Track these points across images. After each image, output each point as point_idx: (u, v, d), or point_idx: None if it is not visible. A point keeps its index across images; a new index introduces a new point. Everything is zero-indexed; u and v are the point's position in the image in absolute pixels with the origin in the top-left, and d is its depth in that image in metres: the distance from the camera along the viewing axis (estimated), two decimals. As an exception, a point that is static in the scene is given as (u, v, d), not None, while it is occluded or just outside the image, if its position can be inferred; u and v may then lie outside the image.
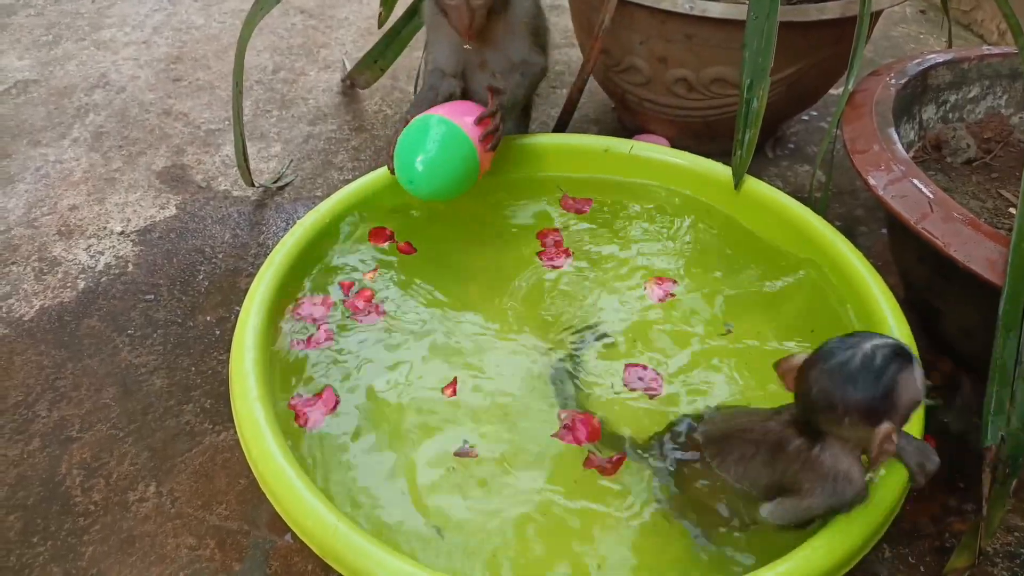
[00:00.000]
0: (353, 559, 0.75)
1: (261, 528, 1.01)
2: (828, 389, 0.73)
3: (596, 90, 1.79)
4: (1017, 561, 0.99)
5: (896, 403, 0.72)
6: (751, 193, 1.24)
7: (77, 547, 0.99)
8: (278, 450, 0.84)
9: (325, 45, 2.10)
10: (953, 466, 1.09)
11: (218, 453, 1.09)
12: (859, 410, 0.72)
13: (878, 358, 0.72)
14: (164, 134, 1.74)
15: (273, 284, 1.04)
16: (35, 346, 1.24)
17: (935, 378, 1.20)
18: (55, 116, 1.78)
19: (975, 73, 1.38)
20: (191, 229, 1.48)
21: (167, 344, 1.25)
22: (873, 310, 1.02)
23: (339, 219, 1.18)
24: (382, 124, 1.78)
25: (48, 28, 2.13)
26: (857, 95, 1.25)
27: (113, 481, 1.06)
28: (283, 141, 1.72)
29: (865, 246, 1.33)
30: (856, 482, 0.76)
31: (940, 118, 1.39)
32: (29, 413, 1.14)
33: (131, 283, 1.36)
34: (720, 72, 1.45)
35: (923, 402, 0.76)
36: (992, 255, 0.97)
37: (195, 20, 2.20)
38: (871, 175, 1.11)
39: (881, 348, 0.72)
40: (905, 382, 0.72)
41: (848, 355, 0.72)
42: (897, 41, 2.21)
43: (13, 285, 1.35)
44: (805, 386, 0.75)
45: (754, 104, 1.18)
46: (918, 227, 1.02)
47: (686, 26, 1.40)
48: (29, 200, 1.54)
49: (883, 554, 0.99)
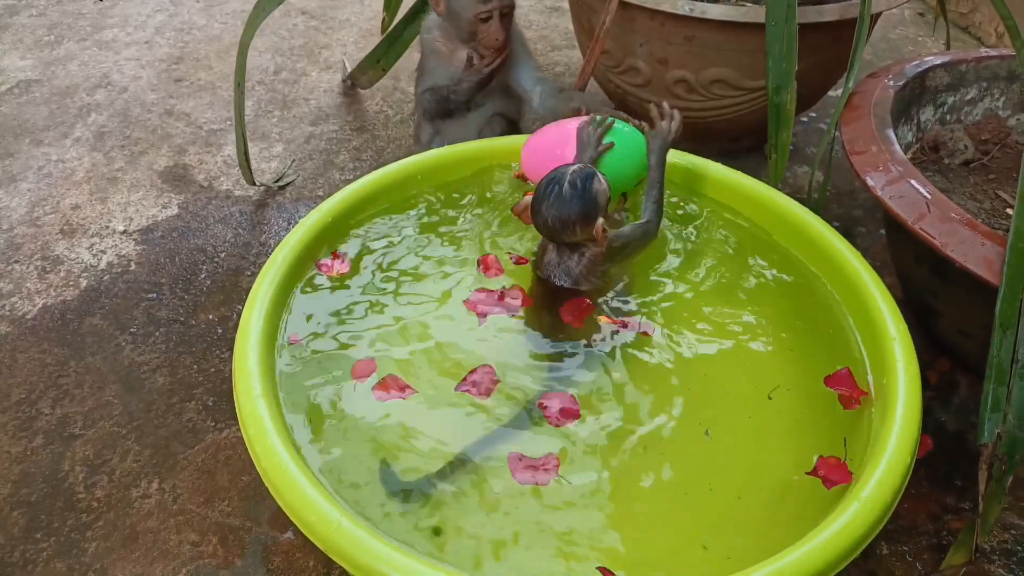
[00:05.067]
0: (357, 554, 0.76)
1: (263, 524, 1.01)
2: (557, 215, 1.02)
3: (596, 91, 1.80)
4: (1014, 558, 1.00)
5: (599, 204, 1.03)
6: (750, 192, 1.24)
7: (80, 543, 1.00)
8: (281, 446, 0.84)
9: (326, 46, 2.11)
10: (951, 465, 1.10)
11: (220, 450, 1.10)
12: (580, 220, 1.02)
13: (579, 182, 1.02)
14: (166, 134, 1.74)
15: (276, 282, 1.05)
16: (38, 344, 1.25)
17: (932, 377, 1.21)
18: (57, 116, 1.79)
19: (973, 75, 1.39)
20: (193, 228, 1.48)
21: (169, 342, 1.26)
22: (871, 310, 1.03)
23: (343, 218, 1.19)
24: (383, 125, 1.79)
25: (50, 28, 2.14)
26: (856, 97, 1.26)
27: (116, 478, 1.07)
28: (285, 141, 1.73)
29: (863, 247, 1.34)
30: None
31: (938, 120, 1.40)
32: (32, 410, 1.15)
33: (133, 282, 1.37)
34: (720, 73, 1.46)
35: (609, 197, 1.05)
36: (989, 255, 0.98)
37: (197, 21, 2.21)
38: (869, 176, 1.11)
39: (575, 171, 1.03)
40: (598, 188, 1.03)
41: (557, 187, 1.02)
42: (895, 43, 2.22)
43: (16, 284, 1.36)
44: (540, 219, 1.03)
45: (784, 107, 1.21)
46: (916, 227, 1.03)
47: (686, 28, 1.41)
48: (32, 199, 1.54)
49: (880, 551, 1.00)
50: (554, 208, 1.02)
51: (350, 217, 1.21)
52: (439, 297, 1.13)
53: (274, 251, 1.09)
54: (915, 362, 0.94)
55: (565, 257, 1.08)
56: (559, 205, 1.02)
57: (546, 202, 1.03)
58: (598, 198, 1.04)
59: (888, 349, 0.96)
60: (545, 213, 1.03)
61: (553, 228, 1.04)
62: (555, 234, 1.05)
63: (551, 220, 1.03)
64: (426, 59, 1.35)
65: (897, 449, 0.85)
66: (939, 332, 1.22)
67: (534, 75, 1.35)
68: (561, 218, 1.02)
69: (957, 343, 1.20)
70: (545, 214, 1.03)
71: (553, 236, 1.06)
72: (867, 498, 0.80)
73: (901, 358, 0.94)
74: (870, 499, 0.80)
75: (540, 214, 1.03)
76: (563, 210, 1.02)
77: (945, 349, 1.23)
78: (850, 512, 0.79)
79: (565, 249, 1.07)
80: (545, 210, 1.03)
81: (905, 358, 0.94)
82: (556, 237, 1.06)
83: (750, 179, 1.26)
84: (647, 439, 0.96)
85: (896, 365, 0.94)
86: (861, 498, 0.80)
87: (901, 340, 0.97)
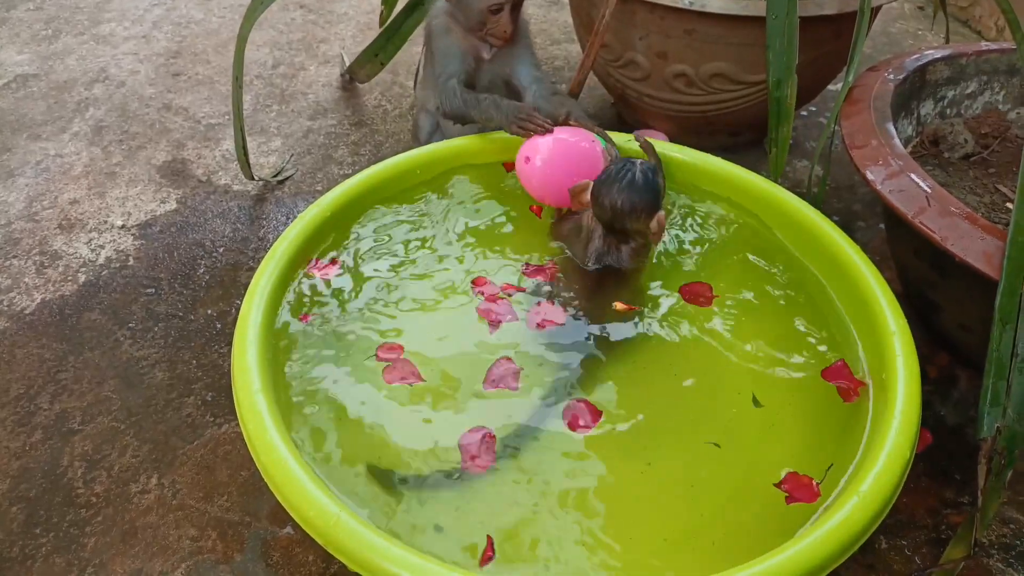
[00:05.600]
0: (356, 549, 0.76)
1: (262, 520, 1.01)
2: (628, 199, 1.06)
3: (595, 85, 1.80)
4: (1013, 552, 1.00)
5: (661, 197, 1.10)
6: (748, 185, 1.24)
7: (79, 538, 1.00)
8: (280, 441, 0.84)
9: (324, 40, 2.10)
10: (950, 459, 1.10)
11: (219, 446, 1.10)
12: (647, 209, 1.07)
13: (648, 173, 1.08)
14: (164, 128, 1.74)
15: (274, 277, 1.05)
16: (36, 339, 1.25)
17: (931, 371, 1.21)
18: (55, 110, 1.78)
19: (973, 69, 1.39)
20: (191, 223, 1.48)
21: (168, 337, 1.25)
22: (870, 305, 1.03)
23: (344, 212, 1.19)
24: (381, 119, 1.78)
25: (47, 22, 2.13)
26: (855, 90, 1.26)
27: (115, 473, 1.07)
28: (283, 136, 1.73)
29: (863, 241, 1.34)
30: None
31: (938, 113, 1.40)
32: (31, 406, 1.15)
33: (132, 277, 1.36)
34: (719, 67, 1.45)
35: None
36: (989, 249, 0.97)
37: (194, 15, 2.20)
38: (869, 170, 1.11)
39: (645, 164, 1.09)
40: (662, 183, 1.11)
41: (630, 174, 1.07)
42: (895, 37, 2.21)
43: (14, 279, 1.36)
44: (610, 201, 1.07)
45: (785, 101, 1.21)
46: (916, 221, 1.03)
47: (686, 21, 1.40)
48: (30, 194, 1.54)
49: (879, 545, 1.00)
50: (626, 192, 1.06)
51: (349, 212, 1.21)
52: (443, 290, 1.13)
53: (273, 245, 1.09)
54: (915, 356, 0.94)
55: (612, 246, 1.11)
56: (631, 190, 1.06)
57: (618, 185, 1.06)
58: (662, 192, 1.10)
59: (887, 343, 0.97)
60: (616, 196, 1.07)
61: (621, 211, 1.07)
62: (620, 218, 1.08)
63: (621, 203, 1.07)
64: (438, 41, 1.32)
65: (896, 443, 0.85)
66: (938, 326, 1.22)
67: (532, 72, 1.34)
68: (633, 202, 1.06)
69: (957, 337, 1.20)
70: (616, 197, 1.07)
71: (616, 221, 1.09)
72: (866, 492, 0.80)
73: (900, 352, 0.94)
74: (869, 493, 0.80)
75: (611, 196, 1.07)
76: (635, 196, 1.06)
77: (944, 343, 1.23)
78: (849, 506, 0.79)
79: (612, 238, 1.11)
80: (617, 193, 1.06)
81: (904, 352, 0.95)
82: (619, 222, 1.09)
83: (750, 173, 1.26)
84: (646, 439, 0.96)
85: (896, 359, 0.94)
86: (860, 492, 0.80)
87: (900, 334, 0.97)
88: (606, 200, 1.08)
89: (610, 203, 1.07)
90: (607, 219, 1.09)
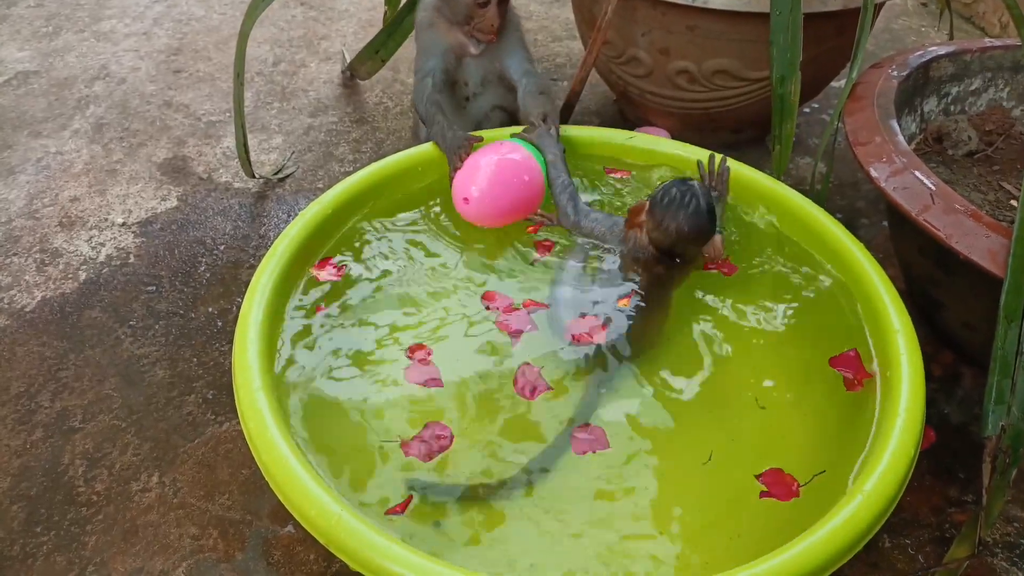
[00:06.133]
0: (357, 548, 0.76)
1: (263, 518, 1.01)
2: (695, 224, 1.06)
3: (597, 82, 1.79)
4: (1017, 551, 1.00)
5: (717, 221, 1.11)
6: (752, 183, 1.24)
7: (80, 536, 0.99)
8: (282, 440, 0.84)
9: (325, 37, 2.10)
10: (954, 457, 1.09)
11: (220, 444, 1.10)
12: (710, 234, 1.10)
13: (710, 199, 1.08)
14: (165, 126, 1.73)
15: (276, 275, 1.04)
16: (37, 337, 1.24)
17: (936, 369, 1.21)
18: (56, 107, 1.78)
19: (977, 65, 1.38)
20: (192, 221, 1.48)
21: (169, 335, 1.25)
22: (874, 303, 1.02)
23: (344, 209, 1.18)
24: (383, 116, 1.78)
25: (48, 19, 2.12)
26: (859, 87, 1.25)
27: (116, 471, 1.06)
28: (284, 133, 1.72)
29: (866, 238, 1.33)
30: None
31: (942, 110, 1.39)
32: (32, 404, 1.15)
33: (132, 274, 1.36)
34: (722, 64, 1.45)
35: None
36: (993, 247, 0.97)
37: (195, 12, 2.19)
38: (873, 167, 1.11)
39: (703, 188, 1.08)
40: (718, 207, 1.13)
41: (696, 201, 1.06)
42: (898, 34, 2.20)
43: (15, 276, 1.35)
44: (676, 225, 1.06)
45: (788, 98, 1.20)
46: (920, 219, 1.02)
47: (688, 18, 1.40)
48: (30, 191, 1.54)
49: (883, 544, 1.00)
50: (692, 218, 1.05)
51: (351, 210, 1.20)
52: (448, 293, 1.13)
53: (274, 243, 1.09)
54: (919, 354, 0.94)
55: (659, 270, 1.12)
56: (697, 217, 1.06)
57: (684, 211, 1.05)
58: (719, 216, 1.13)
59: (892, 341, 0.96)
60: (683, 222, 1.06)
61: (687, 237, 1.07)
62: (683, 242, 1.08)
63: (688, 228, 1.06)
64: (420, 35, 1.32)
65: (901, 442, 0.85)
66: (943, 324, 1.22)
67: (524, 66, 1.32)
68: (699, 228, 1.07)
69: (961, 335, 1.20)
70: (683, 223, 1.06)
71: (677, 244, 1.08)
72: (871, 491, 0.80)
73: (905, 350, 0.94)
74: (874, 492, 0.80)
75: (677, 221, 1.06)
76: (701, 222, 1.06)
77: (949, 341, 1.23)
78: (854, 505, 0.79)
79: (660, 266, 1.11)
80: (684, 219, 1.06)
81: (909, 350, 0.94)
82: (680, 245, 1.09)
83: (753, 170, 1.25)
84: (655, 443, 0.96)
85: (900, 357, 0.94)
86: (865, 491, 0.80)
87: (904, 332, 0.96)
88: (671, 225, 1.06)
89: (676, 227, 1.06)
90: (668, 244, 1.08)
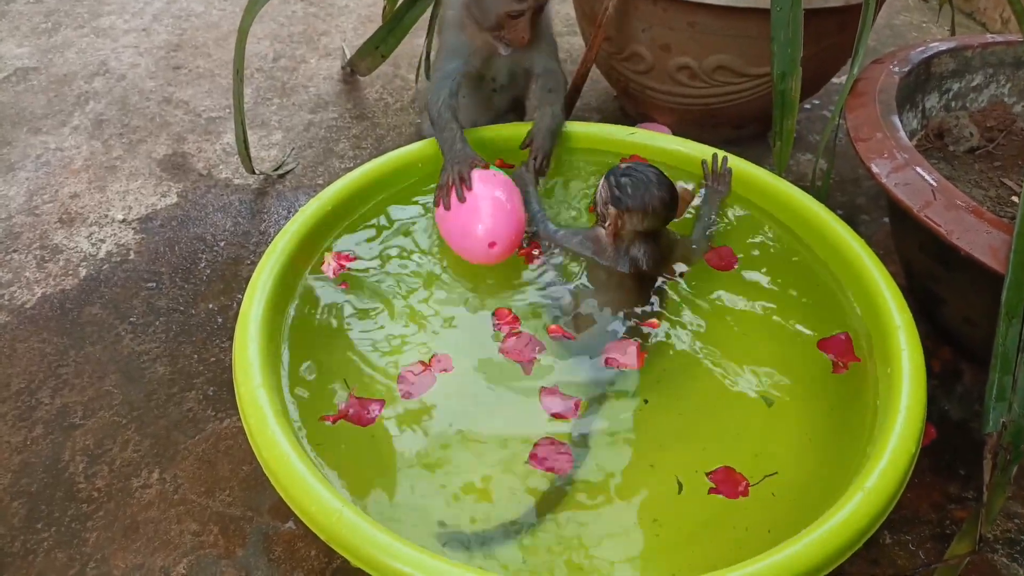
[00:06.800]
0: (358, 544, 0.76)
1: (264, 515, 1.01)
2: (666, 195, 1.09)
3: (598, 78, 1.79)
4: (1017, 547, 1.00)
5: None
6: (754, 180, 1.24)
7: (81, 533, 0.99)
8: (283, 436, 0.84)
9: (326, 32, 2.09)
10: (954, 454, 1.09)
11: (221, 440, 1.10)
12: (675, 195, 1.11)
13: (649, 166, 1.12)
14: (165, 122, 1.73)
15: (276, 271, 1.04)
16: (37, 333, 1.24)
17: (936, 365, 1.20)
18: (55, 104, 1.77)
19: (978, 61, 1.38)
20: (192, 217, 1.47)
21: (169, 332, 1.25)
22: (875, 299, 1.02)
23: (344, 206, 1.18)
24: (383, 112, 1.78)
25: (47, 15, 2.12)
26: (860, 83, 1.25)
27: (116, 468, 1.06)
28: (284, 129, 1.72)
29: (867, 234, 1.33)
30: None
31: (943, 106, 1.39)
32: (32, 400, 1.15)
33: (133, 271, 1.36)
34: (722, 60, 1.44)
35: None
36: (995, 243, 0.97)
37: (195, 8, 2.19)
38: (874, 163, 1.10)
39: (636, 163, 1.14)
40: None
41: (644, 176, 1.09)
42: (899, 29, 2.20)
43: (15, 273, 1.35)
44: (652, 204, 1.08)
45: (789, 94, 1.20)
46: (921, 215, 1.02)
47: (689, 14, 1.39)
48: (30, 188, 1.53)
49: (883, 540, 1.00)
50: (657, 191, 1.09)
51: (351, 207, 1.20)
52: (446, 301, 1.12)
53: (274, 240, 1.09)
54: (920, 351, 0.94)
55: (648, 247, 1.12)
56: (659, 187, 1.09)
57: (648, 191, 1.08)
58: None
59: (892, 338, 0.96)
60: (659, 193, 1.09)
61: (665, 208, 1.10)
62: (666, 214, 1.11)
63: (660, 202, 1.09)
64: (447, 34, 1.28)
65: (901, 438, 0.85)
66: (943, 320, 1.22)
67: (545, 64, 1.29)
68: (670, 196, 1.10)
69: (961, 331, 1.19)
70: (660, 193, 1.09)
71: (666, 213, 1.11)
72: (871, 488, 0.80)
73: (905, 347, 0.94)
74: (875, 489, 0.80)
75: (651, 200, 1.08)
76: (664, 189, 1.09)
77: (949, 337, 1.23)
78: (855, 502, 0.79)
79: (649, 239, 1.12)
80: (654, 195, 1.08)
81: (909, 347, 0.94)
82: (665, 218, 1.11)
83: (754, 166, 1.25)
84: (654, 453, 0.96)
85: (901, 354, 0.94)
86: (865, 488, 0.80)
87: (905, 329, 0.96)
88: (654, 202, 1.08)
89: (652, 206, 1.08)
90: (656, 221, 1.10)
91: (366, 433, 0.94)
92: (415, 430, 0.95)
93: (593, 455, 0.93)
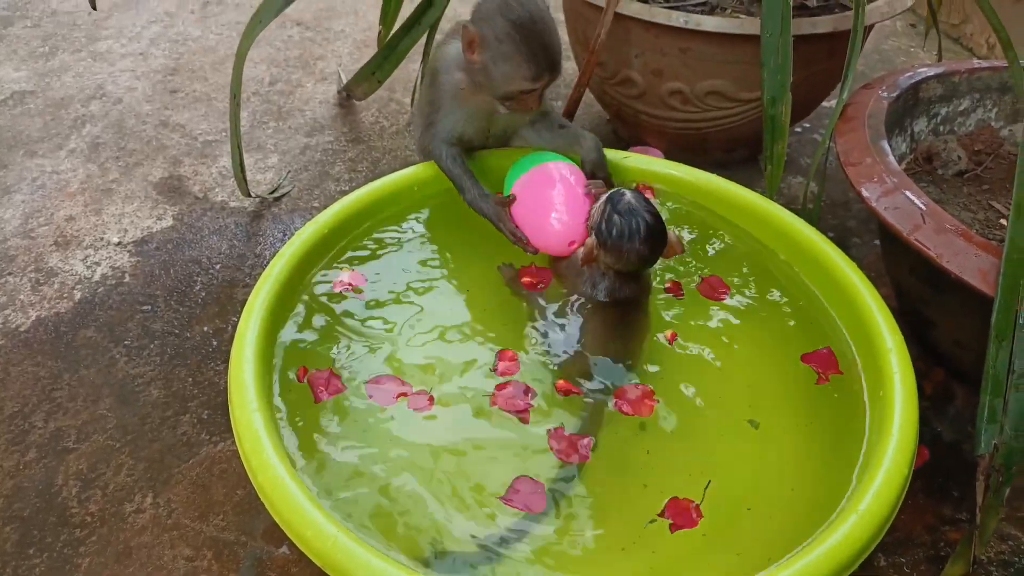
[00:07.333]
0: (353, 570, 0.75)
1: (258, 539, 1.01)
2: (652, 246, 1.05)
3: (591, 102, 1.81)
4: (1011, 569, 1.00)
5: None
6: (744, 203, 1.25)
7: (73, 559, 0.99)
8: (278, 461, 0.84)
9: (322, 57, 2.11)
10: (947, 476, 1.10)
11: (215, 464, 1.09)
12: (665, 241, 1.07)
13: (651, 210, 1.05)
14: (161, 145, 1.74)
15: (271, 294, 1.04)
16: (31, 357, 1.24)
17: (927, 387, 1.21)
18: (52, 127, 1.78)
19: (965, 86, 1.40)
20: (188, 240, 1.48)
21: (164, 355, 1.25)
22: (866, 322, 1.03)
23: (341, 229, 1.18)
24: (378, 136, 1.79)
25: (44, 39, 2.13)
26: (849, 108, 1.27)
27: (110, 492, 1.06)
28: (280, 152, 1.73)
29: (858, 257, 1.33)
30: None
31: (931, 131, 1.41)
32: (25, 424, 1.14)
33: (128, 294, 1.36)
34: (714, 85, 1.46)
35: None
36: (984, 266, 0.98)
37: (192, 32, 2.21)
38: (864, 187, 1.12)
39: (637, 198, 1.06)
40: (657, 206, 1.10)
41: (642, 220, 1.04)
42: (888, 54, 2.23)
43: (9, 296, 1.35)
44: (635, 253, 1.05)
45: (779, 119, 1.21)
46: (911, 238, 1.03)
47: (681, 40, 1.41)
48: (26, 211, 1.54)
49: (878, 563, 1.00)
50: (648, 242, 1.04)
51: (347, 230, 1.20)
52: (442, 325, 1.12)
53: (270, 263, 1.09)
54: (911, 373, 0.94)
55: (624, 282, 1.10)
56: (644, 241, 1.04)
57: (637, 238, 1.04)
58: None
59: (884, 360, 0.97)
60: (640, 248, 1.04)
61: (649, 259, 1.07)
62: (647, 263, 1.08)
63: (637, 256, 1.05)
64: (445, 99, 1.23)
65: (894, 461, 0.85)
66: (934, 343, 1.23)
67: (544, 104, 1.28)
68: (651, 251, 1.06)
69: (952, 353, 1.20)
70: (640, 248, 1.04)
71: (642, 266, 1.09)
72: (865, 511, 0.80)
73: (897, 369, 0.95)
74: (868, 512, 0.80)
75: (634, 250, 1.04)
76: (647, 244, 1.04)
77: (940, 359, 1.24)
78: (848, 525, 0.79)
79: (625, 277, 1.10)
80: (639, 245, 1.04)
81: (901, 369, 0.95)
82: (645, 265, 1.09)
83: (745, 190, 1.26)
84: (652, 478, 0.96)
85: (893, 376, 0.94)
86: (859, 511, 0.80)
87: (897, 351, 0.97)
88: (631, 255, 1.05)
89: (636, 255, 1.05)
90: (636, 267, 1.08)
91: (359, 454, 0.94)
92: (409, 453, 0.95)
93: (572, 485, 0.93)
